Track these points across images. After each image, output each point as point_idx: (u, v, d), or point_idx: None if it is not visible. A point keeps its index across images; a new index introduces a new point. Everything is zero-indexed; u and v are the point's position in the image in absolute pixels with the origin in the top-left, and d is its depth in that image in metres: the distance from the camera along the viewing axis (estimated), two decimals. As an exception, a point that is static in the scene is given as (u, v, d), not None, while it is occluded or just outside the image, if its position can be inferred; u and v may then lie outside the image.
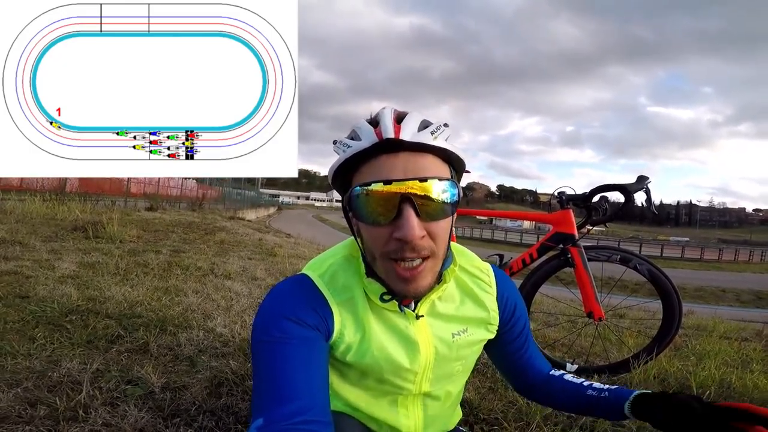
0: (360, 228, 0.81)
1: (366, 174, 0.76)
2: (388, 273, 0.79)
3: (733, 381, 2.02)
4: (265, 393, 0.76)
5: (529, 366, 1.05)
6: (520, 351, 1.04)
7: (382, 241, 0.76)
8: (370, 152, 0.75)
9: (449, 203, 0.76)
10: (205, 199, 21.14)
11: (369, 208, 0.75)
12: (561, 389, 1.02)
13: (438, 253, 0.78)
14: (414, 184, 0.73)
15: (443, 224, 0.77)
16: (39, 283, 2.98)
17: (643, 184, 2.12)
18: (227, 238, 7.35)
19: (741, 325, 4.05)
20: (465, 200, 0.91)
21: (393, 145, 0.74)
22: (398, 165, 0.74)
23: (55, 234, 5.47)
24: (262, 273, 4.34)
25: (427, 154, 0.76)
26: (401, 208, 0.73)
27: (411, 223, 0.72)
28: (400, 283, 0.78)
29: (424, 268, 0.77)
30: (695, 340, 3.04)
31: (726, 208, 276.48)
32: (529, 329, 1.06)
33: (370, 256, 0.81)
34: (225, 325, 2.46)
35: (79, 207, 8.32)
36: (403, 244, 0.74)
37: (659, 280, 2.14)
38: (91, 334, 2.15)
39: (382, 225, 0.75)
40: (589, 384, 0.99)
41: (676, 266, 24.98)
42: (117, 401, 1.55)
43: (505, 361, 1.07)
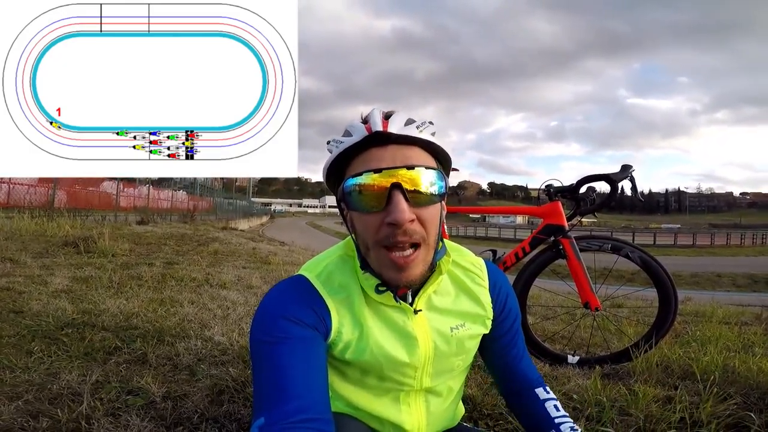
0: (353, 218, 0.84)
1: (357, 166, 0.81)
2: (381, 262, 0.81)
3: (737, 366, 2.02)
4: (265, 393, 0.77)
5: (515, 368, 1.04)
6: (508, 348, 1.03)
7: (375, 228, 0.79)
8: (361, 145, 0.80)
9: (437, 192, 0.81)
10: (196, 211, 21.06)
11: (361, 197, 0.79)
12: (532, 414, 0.99)
13: (429, 240, 0.81)
14: (402, 172, 0.78)
15: (432, 210, 0.81)
16: (32, 298, 2.95)
17: (627, 172, 2.15)
18: (221, 248, 7.30)
19: (739, 310, 4.08)
20: (457, 199, 0.92)
21: (382, 138, 0.79)
22: (387, 156, 0.79)
23: (46, 250, 5.41)
24: (257, 281, 4.32)
25: (413, 146, 0.81)
26: (391, 194, 0.77)
27: (401, 207, 0.76)
28: (393, 272, 0.80)
29: (416, 257, 0.80)
30: (695, 327, 3.06)
31: (714, 194, 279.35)
32: (519, 328, 1.05)
33: (364, 246, 0.83)
34: (223, 334, 2.44)
35: (68, 223, 8.25)
36: (395, 229, 0.76)
37: (652, 267, 2.16)
38: (89, 346, 2.13)
39: (374, 212, 0.79)
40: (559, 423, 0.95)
41: (670, 253, 25.16)
42: (119, 412, 1.54)
43: (494, 358, 1.06)
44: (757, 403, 1.68)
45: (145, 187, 17.98)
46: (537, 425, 0.97)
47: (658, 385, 1.89)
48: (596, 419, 1.59)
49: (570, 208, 2.29)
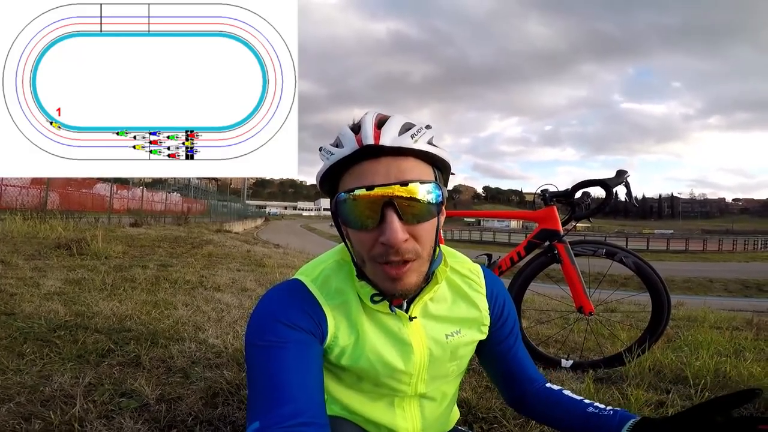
0: (348, 232, 0.82)
1: (350, 180, 0.78)
2: (376, 274, 0.80)
3: (728, 370, 2.04)
4: (260, 397, 0.75)
5: (520, 371, 1.03)
6: (510, 353, 1.03)
7: (369, 245, 0.77)
8: (352, 158, 0.77)
9: (433, 205, 0.77)
10: (190, 213, 20.97)
11: (354, 214, 0.77)
12: (557, 403, 0.98)
13: (423, 254, 0.79)
14: (396, 189, 0.74)
15: (427, 226, 0.78)
16: (24, 300, 2.93)
17: (623, 178, 2.17)
18: (215, 250, 7.28)
19: (731, 315, 4.11)
20: (452, 203, 0.91)
21: (373, 151, 0.75)
22: (380, 170, 0.75)
23: (38, 252, 5.37)
24: (252, 284, 4.31)
25: (408, 157, 0.77)
26: (384, 213, 0.74)
27: (394, 227, 0.73)
28: (388, 283, 0.79)
29: (409, 268, 0.78)
30: (687, 331, 3.08)
31: (707, 199, 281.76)
32: (518, 332, 1.05)
33: (360, 259, 0.82)
34: (217, 336, 2.43)
35: (61, 225, 8.20)
36: (388, 248, 0.74)
37: (645, 271, 2.17)
38: (81, 348, 2.12)
39: (368, 230, 0.77)
40: (590, 402, 0.95)
41: (663, 258, 25.29)
42: (112, 414, 1.53)
43: (496, 364, 1.05)
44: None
45: (139, 189, 17.90)
46: (567, 412, 0.95)
47: (650, 389, 1.91)
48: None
49: (565, 213, 2.30)
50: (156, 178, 17.78)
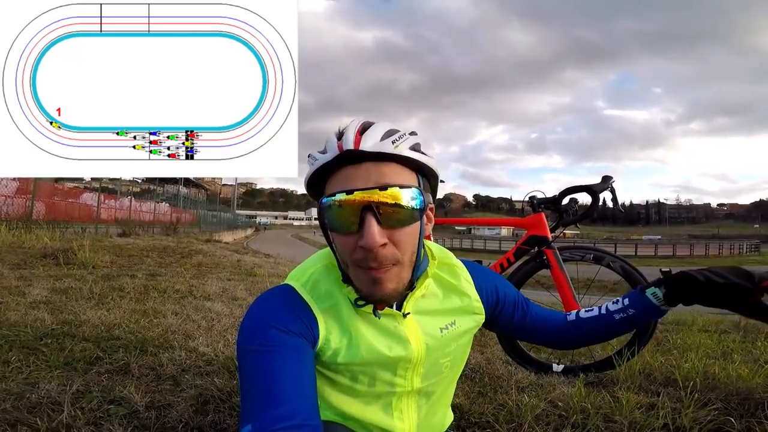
0: (332, 237, 0.83)
1: (333, 185, 0.80)
2: (358, 279, 0.81)
3: (717, 372, 2.06)
4: (252, 401, 0.75)
5: (544, 323, 1.07)
6: (527, 319, 1.06)
7: (350, 250, 0.79)
8: (334, 164, 0.79)
9: (414, 210, 0.78)
10: (179, 223, 20.79)
11: (335, 218, 0.79)
12: (591, 327, 1.04)
13: (403, 260, 0.80)
14: (375, 193, 0.75)
15: (408, 231, 0.79)
16: (9, 308, 2.88)
17: (608, 183, 2.19)
18: (204, 260, 7.22)
19: (718, 318, 4.14)
20: (443, 211, 0.92)
21: (354, 156, 0.77)
22: (361, 175, 0.77)
23: (24, 261, 5.29)
24: (242, 293, 4.28)
25: (389, 163, 0.79)
26: (363, 217, 0.75)
27: (371, 231, 0.74)
28: (369, 286, 0.80)
29: (389, 273, 0.79)
30: (676, 335, 3.11)
31: (692, 205, 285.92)
32: (523, 299, 1.08)
33: (343, 263, 0.83)
34: (207, 345, 2.40)
35: (47, 234, 8.09)
36: (367, 253, 0.76)
37: (632, 276, 2.19)
38: (69, 356, 2.09)
39: (349, 234, 0.78)
40: (606, 310, 1.02)
41: (651, 264, 25.44)
42: (101, 421, 1.51)
43: (523, 334, 1.09)
44: (738, 408, 1.71)
45: (127, 199, 17.74)
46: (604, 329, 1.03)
47: (641, 392, 1.92)
48: (582, 426, 1.61)
49: (553, 220, 2.33)
50: (144, 188, 17.65)
